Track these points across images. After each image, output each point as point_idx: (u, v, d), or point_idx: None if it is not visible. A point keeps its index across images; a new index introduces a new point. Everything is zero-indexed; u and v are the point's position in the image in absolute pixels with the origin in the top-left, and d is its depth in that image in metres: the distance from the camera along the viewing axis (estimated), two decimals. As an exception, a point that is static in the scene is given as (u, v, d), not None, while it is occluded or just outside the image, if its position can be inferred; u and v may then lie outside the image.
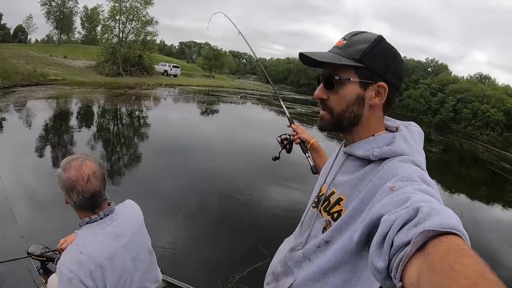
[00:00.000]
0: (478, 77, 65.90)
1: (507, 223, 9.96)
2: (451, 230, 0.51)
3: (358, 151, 0.97)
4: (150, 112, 16.93)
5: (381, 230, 0.60)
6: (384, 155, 0.90)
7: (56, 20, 47.82)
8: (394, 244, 0.55)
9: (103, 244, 1.42)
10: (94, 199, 1.41)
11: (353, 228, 0.87)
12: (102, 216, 1.46)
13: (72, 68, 29.44)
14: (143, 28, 35.39)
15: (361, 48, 0.93)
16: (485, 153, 32.55)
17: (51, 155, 7.94)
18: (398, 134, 0.95)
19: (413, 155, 0.89)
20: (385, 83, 0.93)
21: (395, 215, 0.60)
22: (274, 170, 8.30)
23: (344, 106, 0.97)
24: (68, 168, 1.39)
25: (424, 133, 1.01)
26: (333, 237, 0.94)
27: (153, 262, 1.69)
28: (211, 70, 58.17)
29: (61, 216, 4.23)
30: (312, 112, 26.25)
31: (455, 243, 0.48)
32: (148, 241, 1.68)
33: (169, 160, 8.63)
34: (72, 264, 1.33)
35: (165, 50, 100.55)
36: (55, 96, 17.18)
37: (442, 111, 54.42)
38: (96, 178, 1.40)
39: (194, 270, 4.28)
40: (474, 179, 17.01)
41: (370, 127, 1.00)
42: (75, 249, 1.37)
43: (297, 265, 1.07)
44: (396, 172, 0.82)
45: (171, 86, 32.62)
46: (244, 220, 5.93)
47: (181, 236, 5.05)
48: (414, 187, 0.71)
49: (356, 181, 0.95)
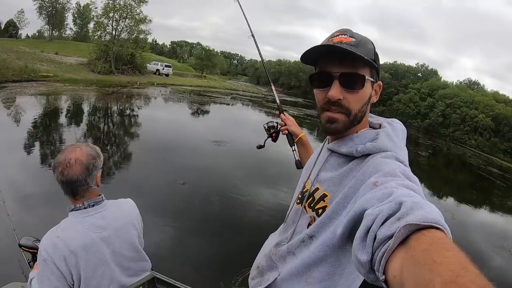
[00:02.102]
0: (467, 83, 66.66)
1: (493, 225, 10.18)
2: (434, 224, 0.51)
3: (342, 148, 0.99)
4: (146, 111, 16.88)
5: (365, 224, 0.61)
6: (367, 151, 0.91)
7: (48, 15, 47.25)
8: (377, 238, 0.56)
9: (80, 232, 1.44)
10: (73, 185, 1.43)
11: (337, 222, 0.88)
12: (86, 206, 1.49)
13: (64, 64, 29.14)
14: (136, 26, 35.12)
15: (371, 48, 0.95)
16: (473, 157, 32.96)
17: (44, 151, 7.97)
18: (381, 131, 0.97)
19: (396, 151, 0.91)
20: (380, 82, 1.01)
21: (378, 209, 0.61)
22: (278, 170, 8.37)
23: (360, 105, 0.97)
24: (62, 152, 1.48)
25: (413, 137, 1.06)
26: (317, 232, 0.95)
27: (140, 259, 1.71)
28: (202, 70, 58.00)
29: (53, 209, 4.34)
30: (304, 115, 26.39)
31: (437, 237, 0.49)
32: (136, 239, 1.67)
33: (174, 165, 8.57)
34: (48, 246, 1.38)
35: (157, 49, 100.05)
36: (47, 93, 17.03)
37: (431, 115, 54.90)
38: (79, 165, 1.43)
39: (193, 271, 4.32)
40: (462, 183, 17.26)
41: (362, 125, 1.02)
42: (54, 233, 1.43)
43: (282, 259, 1.09)
44: (379, 168, 0.83)
45: (163, 86, 32.46)
46: (245, 220, 6.00)
47: (180, 236, 5.11)
48: (397, 182, 0.72)
49: (340, 178, 0.96)
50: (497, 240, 8.63)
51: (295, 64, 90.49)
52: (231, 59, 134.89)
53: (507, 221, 11.36)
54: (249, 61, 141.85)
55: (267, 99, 36.98)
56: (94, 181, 1.50)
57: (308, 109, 33.25)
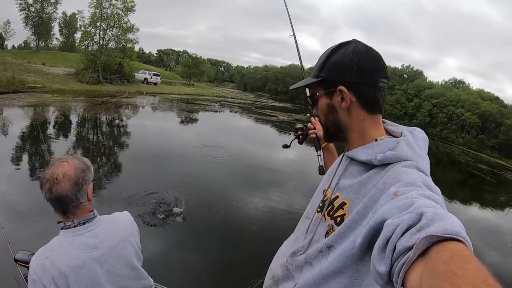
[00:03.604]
0: (452, 82, 67.58)
1: (489, 221, 10.43)
2: (455, 236, 0.51)
3: (361, 156, 0.97)
4: (137, 121, 16.85)
5: (384, 234, 0.60)
6: (387, 160, 0.89)
7: (34, 25, 46.74)
8: (397, 249, 0.56)
9: (69, 253, 1.36)
10: (62, 202, 1.33)
11: (356, 233, 0.85)
12: (76, 224, 1.39)
13: (51, 75, 28.83)
14: (124, 35, 34.92)
15: (319, 64, 1.02)
16: (461, 155, 33.47)
17: (33, 163, 7.93)
18: (402, 139, 0.94)
19: (417, 160, 0.89)
20: (343, 86, 0.96)
21: (399, 219, 0.60)
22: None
23: (324, 117, 1.07)
24: (48, 167, 1.37)
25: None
26: (335, 242, 0.92)
27: (138, 278, 1.59)
28: (190, 78, 57.88)
29: (46, 221, 4.30)
30: (294, 120, 26.51)
31: (458, 249, 0.48)
32: (133, 256, 1.57)
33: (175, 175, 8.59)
34: (37, 266, 1.32)
35: (144, 58, 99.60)
36: (35, 104, 16.87)
37: (418, 115, 55.45)
38: (67, 181, 1.32)
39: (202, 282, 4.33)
40: (453, 181, 17.52)
41: (358, 130, 1.01)
42: (43, 253, 1.36)
43: (298, 270, 1.05)
44: (400, 178, 0.81)
45: (152, 95, 32.42)
46: (253, 229, 6.01)
47: (186, 247, 5.13)
48: (418, 192, 0.71)
49: (359, 185, 0.94)
50: (493, 235, 8.83)
51: (282, 69, 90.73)
52: (217, 66, 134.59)
53: (501, 216, 11.60)
54: (236, 67, 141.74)
55: (256, 105, 37.04)
56: (85, 196, 1.40)
57: (297, 114, 33.39)
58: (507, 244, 8.18)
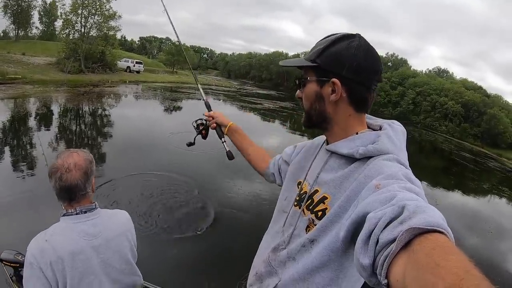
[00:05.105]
0: (436, 71, 68.59)
1: (469, 208, 10.62)
2: (436, 228, 0.51)
3: (343, 149, 0.97)
4: (122, 111, 16.49)
5: (367, 228, 0.61)
6: (369, 154, 0.90)
7: (13, 14, 45.37)
8: (380, 242, 0.57)
9: (69, 238, 1.41)
10: (71, 190, 1.40)
11: (339, 226, 0.85)
12: (78, 212, 1.45)
13: (32, 65, 27.93)
14: (106, 23, 33.95)
15: (318, 49, 0.99)
16: (445, 143, 34.08)
17: (15, 157, 7.65)
18: (382, 133, 0.96)
19: (398, 153, 0.90)
20: (338, 79, 0.95)
21: (381, 212, 0.61)
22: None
23: (309, 103, 1.04)
24: (57, 157, 1.43)
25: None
26: (318, 236, 0.92)
27: (131, 273, 1.64)
28: (174, 66, 57.13)
29: (34, 221, 4.13)
30: (279, 108, 26.54)
31: (440, 241, 0.49)
32: (128, 251, 1.62)
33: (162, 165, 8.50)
34: (35, 250, 1.35)
35: (126, 45, 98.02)
36: (16, 96, 16.35)
37: (402, 103, 56.29)
38: (78, 170, 1.41)
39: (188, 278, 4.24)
40: (437, 169, 17.82)
41: (342, 124, 1.01)
42: (43, 237, 1.40)
43: (281, 265, 1.05)
44: (382, 170, 0.83)
45: (135, 83, 31.65)
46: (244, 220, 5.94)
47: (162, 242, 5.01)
48: (399, 185, 0.72)
49: (341, 180, 0.94)
50: (478, 223, 9.03)
51: (266, 56, 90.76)
52: (201, 53, 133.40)
53: (484, 204, 11.88)
54: (219, 55, 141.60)
55: (241, 93, 36.77)
56: (91, 186, 1.49)
57: (282, 102, 33.36)
58: (491, 231, 8.37)
